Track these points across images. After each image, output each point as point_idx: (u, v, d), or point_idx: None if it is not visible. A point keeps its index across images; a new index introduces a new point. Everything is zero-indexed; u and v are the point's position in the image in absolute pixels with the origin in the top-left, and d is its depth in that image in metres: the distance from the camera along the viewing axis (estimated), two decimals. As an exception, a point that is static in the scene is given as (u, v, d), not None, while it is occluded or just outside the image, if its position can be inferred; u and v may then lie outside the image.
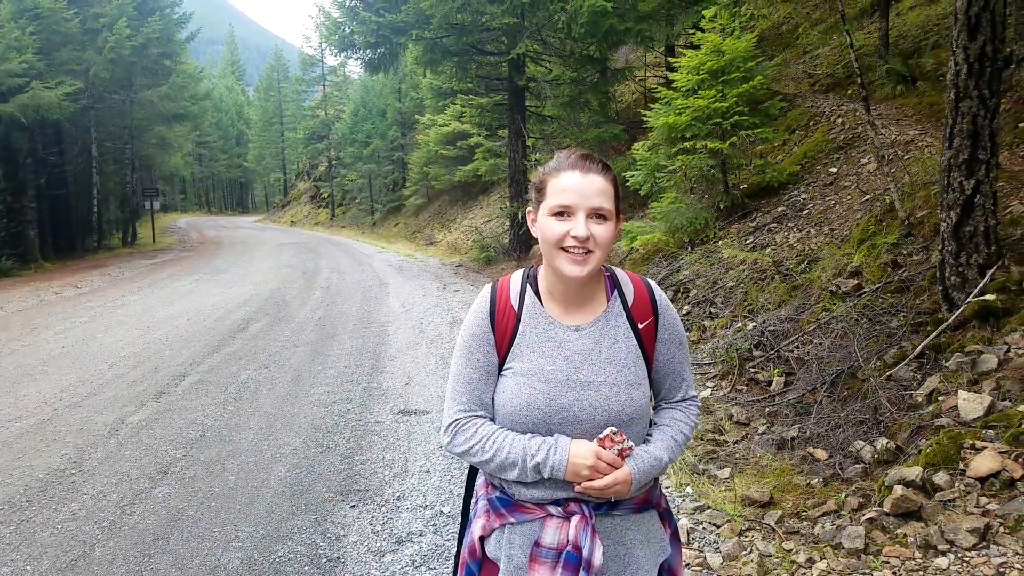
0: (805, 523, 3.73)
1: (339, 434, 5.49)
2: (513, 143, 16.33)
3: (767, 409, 5.34)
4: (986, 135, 4.69)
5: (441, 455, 5.01)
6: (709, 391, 5.96)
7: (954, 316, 4.77)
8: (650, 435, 1.73)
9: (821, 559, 3.32)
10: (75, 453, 5.16)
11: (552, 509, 1.62)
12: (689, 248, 9.36)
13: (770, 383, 5.72)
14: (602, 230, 1.59)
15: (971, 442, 3.62)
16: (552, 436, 1.61)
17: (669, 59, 11.58)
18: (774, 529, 3.69)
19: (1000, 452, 3.47)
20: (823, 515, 3.74)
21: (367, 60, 17.41)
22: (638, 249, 10.66)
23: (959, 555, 3.08)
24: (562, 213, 1.59)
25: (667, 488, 4.32)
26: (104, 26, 23.01)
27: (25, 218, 20.88)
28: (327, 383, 6.91)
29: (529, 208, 1.72)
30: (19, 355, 8.41)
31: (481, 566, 1.71)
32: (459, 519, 3.85)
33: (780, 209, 8.75)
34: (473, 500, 1.81)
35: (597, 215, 1.59)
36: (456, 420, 1.69)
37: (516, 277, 1.77)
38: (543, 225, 1.62)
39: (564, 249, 1.58)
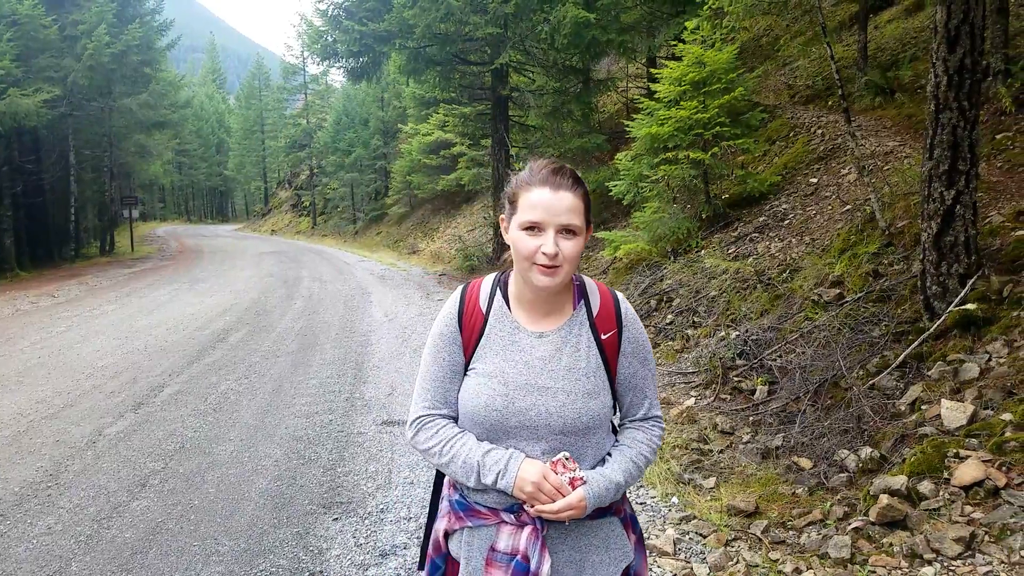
0: (791, 532, 3.72)
1: (321, 445, 5.42)
2: (496, 152, 16.34)
3: (751, 418, 5.35)
4: (966, 146, 4.75)
5: (425, 467, 4.96)
6: (693, 400, 5.97)
7: (936, 325, 4.81)
8: (610, 454, 1.72)
9: (808, 569, 3.32)
10: (51, 466, 5.06)
11: (505, 516, 1.64)
12: (672, 257, 9.39)
13: (754, 392, 5.73)
14: (570, 245, 1.61)
15: (955, 451, 3.64)
16: (508, 450, 1.63)
17: (651, 70, 11.67)
18: (760, 539, 3.68)
19: (984, 461, 3.49)
20: (809, 524, 3.74)
21: (350, 69, 17.35)
22: (621, 258, 10.67)
23: (945, 564, 3.08)
24: (532, 228, 1.61)
25: (653, 498, 4.31)
26: (83, 33, 22.77)
27: (1, 227, 20.57)
28: (309, 394, 6.84)
29: (502, 216, 1.74)
30: (-7, 366, 8.25)
31: (446, 561, 1.77)
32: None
33: (762, 219, 8.81)
34: (441, 497, 1.85)
35: (566, 231, 1.61)
36: (420, 417, 1.74)
37: (487, 281, 1.80)
38: (515, 238, 1.65)
39: (534, 263, 1.61)
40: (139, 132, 29.46)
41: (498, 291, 1.77)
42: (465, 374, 1.73)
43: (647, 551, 3.59)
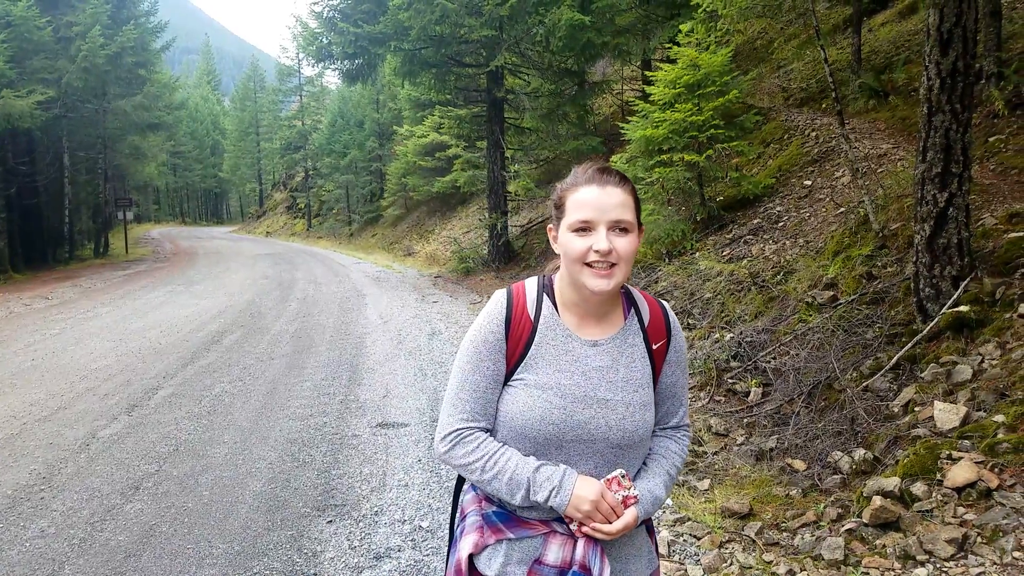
0: (785, 534, 3.73)
1: (315, 448, 5.42)
2: (492, 154, 16.35)
3: (745, 420, 5.36)
4: (958, 149, 4.77)
5: (420, 468, 4.96)
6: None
7: (929, 327, 4.83)
8: (646, 464, 1.70)
9: (801, 570, 3.32)
10: (44, 468, 5.04)
11: (557, 526, 1.58)
12: (667, 259, 9.41)
13: (748, 394, 5.74)
14: (624, 242, 1.56)
15: (948, 452, 3.65)
16: (560, 467, 1.56)
17: (646, 73, 11.67)
18: (754, 540, 3.69)
19: (976, 462, 3.51)
20: (802, 526, 3.75)
21: (345, 71, 17.34)
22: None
23: (938, 565, 3.09)
24: (583, 228, 1.56)
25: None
26: (77, 34, 22.71)
27: (-6, 228, 20.51)
28: (303, 396, 6.83)
29: (550, 226, 1.69)
30: (-14, 368, 8.22)
31: None
32: (439, 534, 3.81)
33: (756, 221, 8.83)
34: (459, 516, 1.74)
35: (619, 228, 1.56)
36: (458, 430, 1.62)
37: (531, 285, 1.72)
38: (565, 242, 1.59)
39: (588, 264, 1.55)
40: (134, 134, 29.37)
41: (545, 296, 1.68)
42: (507, 384, 1.63)
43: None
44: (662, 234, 9.49)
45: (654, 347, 1.69)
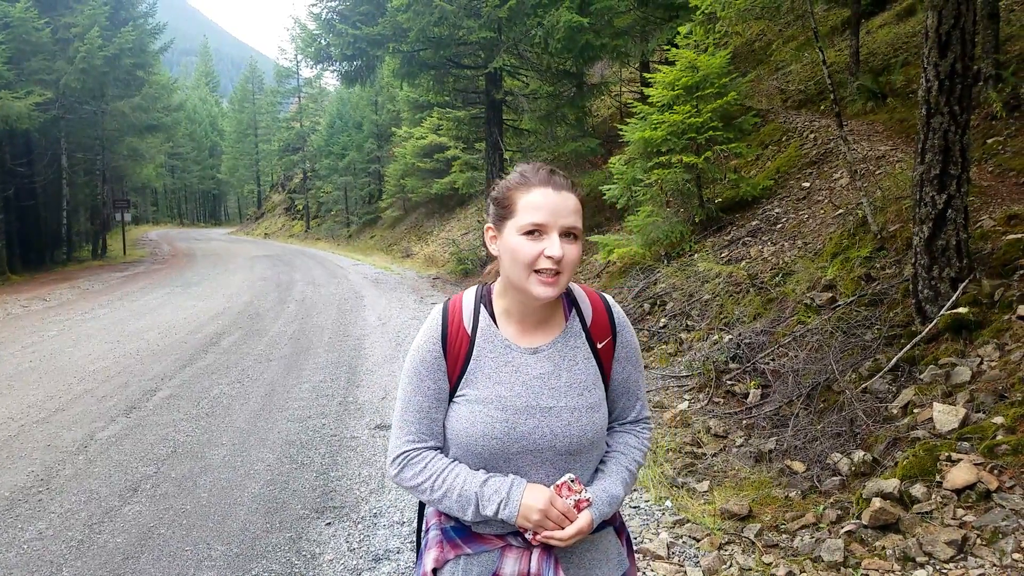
0: (784, 536, 3.73)
1: (314, 450, 5.41)
2: (490, 156, 16.35)
3: (744, 421, 5.36)
4: (957, 150, 4.78)
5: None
6: (686, 404, 5.97)
7: (927, 329, 4.83)
8: (603, 462, 1.66)
9: (801, 572, 3.32)
10: (42, 470, 5.03)
11: (512, 540, 1.56)
12: (665, 261, 9.41)
13: (747, 395, 5.74)
14: (573, 250, 1.51)
15: (947, 454, 3.65)
16: (508, 477, 1.54)
17: (644, 75, 11.70)
18: (754, 542, 3.69)
19: (976, 464, 3.51)
20: (802, 528, 3.74)
21: (343, 72, 17.35)
22: (615, 262, 10.70)
23: (937, 567, 3.09)
24: (534, 232, 1.50)
25: (646, 502, 4.31)
26: (76, 36, 22.69)
27: (-8, 230, 20.48)
28: (302, 398, 6.82)
29: (488, 224, 1.61)
30: (-16, 370, 8.20)
31: None
32: None
33: (754, 223, 8.83)
34: (424, 530, 1.72)
35: (570, 234, 1.51)
36: (405, 452, 1.60)
37: (469, 296, 1.67)
38: (513, 244, 1.52)
39: (536, 270, 1.50)
40: (132, 135, 29.36)
41: (482, 307, 1.64)
42: (452, 401, 1.60)
43: (644, 555, 3.60)
44: (661, 236, 9.49)
45: (599, 346, 1.64)
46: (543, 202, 1.50)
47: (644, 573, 3.50)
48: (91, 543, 3.94)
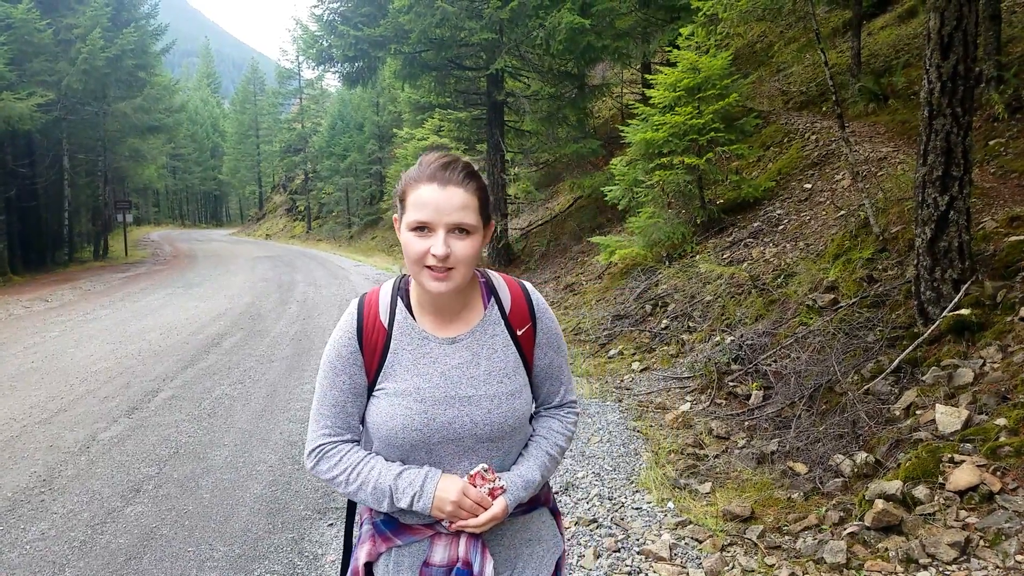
0: (787, 538, 3.72)
1: (316, 450, 5.40)
2: (492, 157, 16.34)
3: (746, 423, 5.35)
4: (959, 152, 4.77)
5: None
6: (688, 405, 5.97)
7: (930, 330, 4.83)
8: (526, 446, 1.68)
9: (804, 574, 3.32)
10: (44, 471, 5.03)
11: (440, 528, 1.57)
12: (667, 262, 9.41)
13: (749, 397, 5.74)
14: (463, 246, 1.50)
15: (950, 456, 3.65)
16: (423, 469, 1.55)
17: (646, 76, 11.70)
18: (756, 544, 3.68)
19: (978, 465, 3.50)
20: (804, 529, 3.74)
21: (345, 74, 17.36)
22: (616, 263, 10.69)
23: (940, 569, 3.09)
24: (421, 229, 1.50)
25: (648, 503, 4.31)
26: (77, 37, 22.72)
27: (-6, 231, 20.51)
28: (303, 398, 6.82)
29: (395, 216, 1.61)
30: (-14, 370, 8.21)
31: None
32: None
33: (756, 224, 8.83)
34: (357, 524, 1.72)
35: (459, 230, 1.50)
36: (320, 446, 1.60)
37: (386, 290, 1.68)
38: (405, 240, 1.52)
39: (427, 267, 1.50)
40: (133, 136, 29.40)
41: (399, 300, 1.64)
42: (372, 395, 1.60)
43: (646, 557, 3.59)
44: (662, 237, 9.49)
45: (519, 333, 1.64)
46: (427, 199, 1.49)
47: (646, 575, 3.50)
48: (93, 544, 3.94)
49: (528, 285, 1.73)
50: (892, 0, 13.75)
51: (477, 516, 1.53)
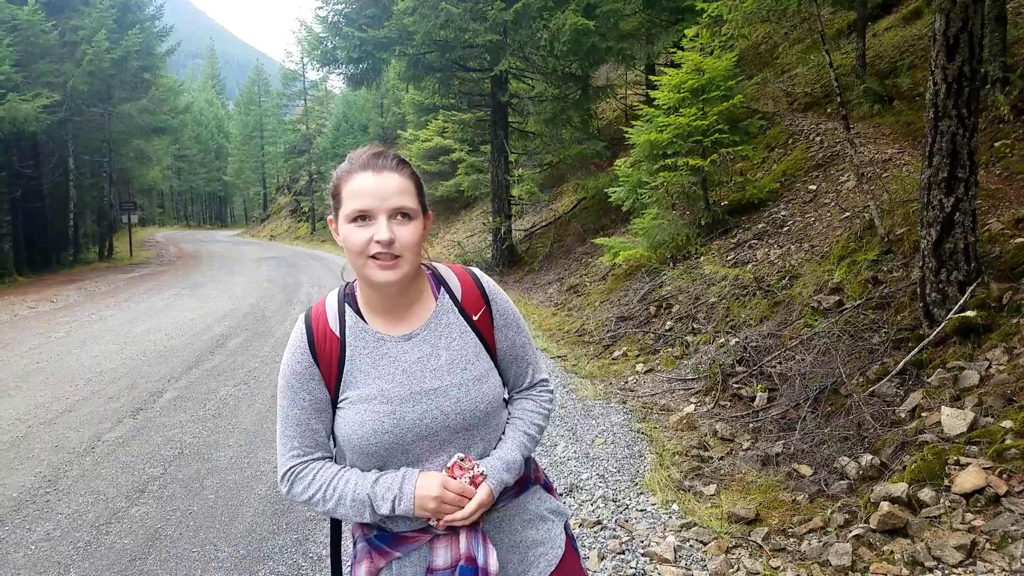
0: (792, 540, 3.72)
1: (321, 451, 5.40)
2: (496, 159, 16.35)
3: (751, 425, 5.34)
4: (965, 153, 4.76)
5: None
6: (693, 407, 5.96)
7: (935, 332, 4.82)
8: (503, 431, 1.66)
9: (809, 576, 3.31)
10: (49, 471, 5.04)
11: (437, 530, 1.54)
12: (671, 264, 9.40)
13: (753, 399, 5.73)
14: (407, 231, 1.49)
15: (955, 458, 3.64)
16: (399, 471, 1.52)
17: (650, 77, 11.69)
18: (761, 546, 3.68)
19: (984, 468, 3.49)
20: (809, 532, 3.73)
21: (349, 75, 17.38)
22: (620, 265, 10.69)
23: (946, 572, 3.08)
24: (361, 218, 1.48)
25: (653, 505, 4.30)
26: (83, 39, 22.81)
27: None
28: (308, 399, 6.81)
29: (329, 216, 1.58)
30: (-8, 371, 8.23)
31: None
32: None
33: (760, 226, 8.82)
34: (352, 543, 1.67)
35: (400, 215, 1.49)
36: (291, 468, 1.57)
37: (331, 299, 1.64)
38: (345, 234, 1.50)
39: (371, 257, 1.48)
40: (138, 137, 29.50)
41: (347, 306, 1.61)
42: (337, 407, 1.56)
43: (651, 559, 3.59)
44: (666, 238, 9.47)
45: (474, 318, 1.63)
46: (364, 187, 1.48)
47: (651, 576, 3.50)
48: (98, 544, 3.95)
49: (477, 271, 1.73)
50: (897, 1, 13.72)
51: (463, 508, 1.50)
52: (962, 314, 4.72)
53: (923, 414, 4.29)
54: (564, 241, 15.22)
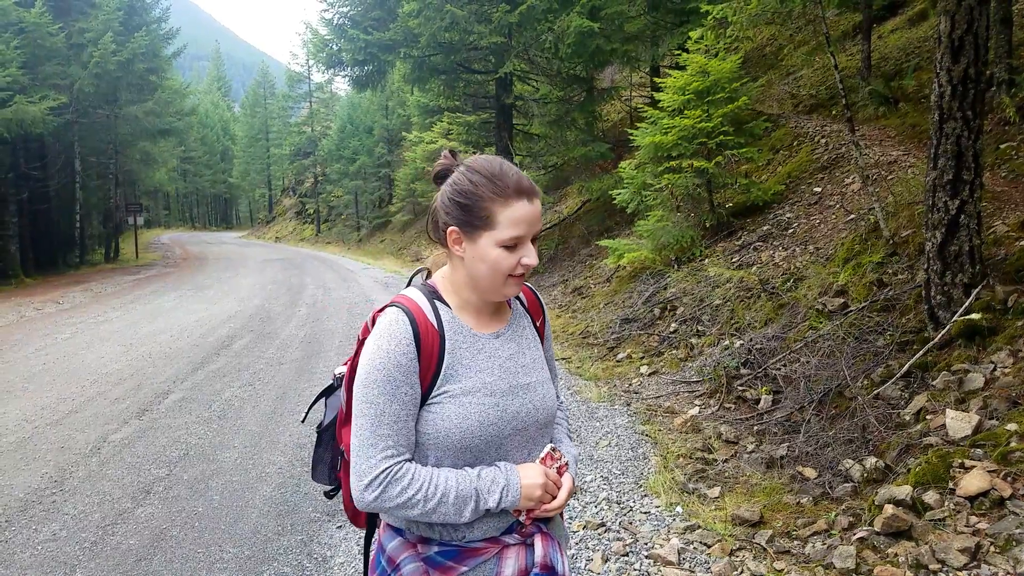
0: (796, 542, 3.71)
1: (325, 453, 5.41)
2: (500, 161, 16.36)
3: (755, 427, 5.34)
4: (970, 156, 4.75)
5: (429, 474, 4.95)
6: (697, 409, 5.96)
7: (940, 335, 4.81)
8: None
9: (812, 579, 3.31)
10: (56, 472, 5.07)
11: (507, 538, 1.54)
12: (676, 266, 9.40)
13: (758, 401, 5.72)
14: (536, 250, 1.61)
15: (960, 461, 3.63)
16: (494, 466, 1.52)
17: (655, 79, 11.69)
18: (765, 549, 3.68)
19: (989, 471, 3.48)
20: (813, 534, 3.73)
21: (354, 77, 17.44)
22: (625, 267, 10.68)
23: (950, 575, 3.07)
24: (514, 245, 1.52)
25: (657, 507, 4.30)
26: (89, 41, 22.92)
27: (6, 233, 20.68)
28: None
29: (452, 228, 1.55)
30: (-2, 372, 8.27)
31: None
32: None
33: (765, 228, 8.81)
34: (388, 566, 1.57)
35: (534, 238, 1.58)
36: (386, 469, 1.46)
37: (417, 296, 1.61)
38: (493, 256, 1.51)
39: (511, 275, 1.54)
40: (144, 139, 29.63)
41: (438, 303, 1.60)
42: (429, 403, 1.52)
43: (655, 561, 3.59)
44: (671, 240, 9.47)
45: (537, 325, 1.76)
46: (522, 216, 1.51)
47: (655, 578, 3.50)
48: (104, 544, 3.97)
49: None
50: (902, 3, 13.70)
51: (555, 496, 1.57)
52: (967, 317, 4.71)
53: (928, 417, 4.28)
54: (568, 243, 15.23)
